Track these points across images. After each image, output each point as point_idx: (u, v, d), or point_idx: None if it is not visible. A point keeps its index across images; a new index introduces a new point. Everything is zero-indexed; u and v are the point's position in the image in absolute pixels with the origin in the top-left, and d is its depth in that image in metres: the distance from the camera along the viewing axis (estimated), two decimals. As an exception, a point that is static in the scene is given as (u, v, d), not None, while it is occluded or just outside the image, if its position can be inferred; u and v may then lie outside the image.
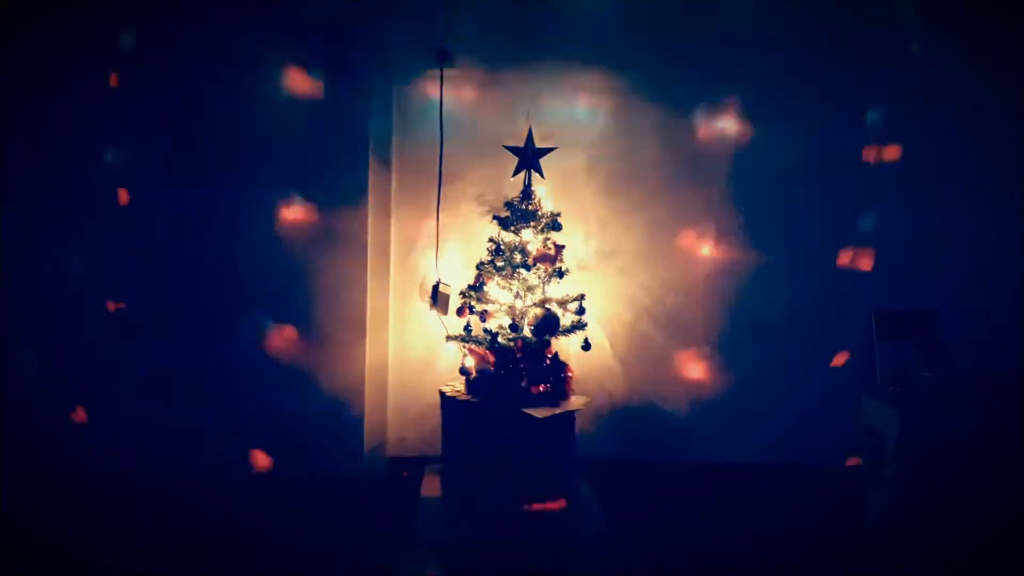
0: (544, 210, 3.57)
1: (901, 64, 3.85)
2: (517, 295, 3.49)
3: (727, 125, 3.86)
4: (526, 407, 3.33)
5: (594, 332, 3.80)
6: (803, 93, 3.84)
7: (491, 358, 3.48)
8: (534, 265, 3.49)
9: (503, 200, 3.65)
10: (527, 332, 3.47)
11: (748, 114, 3.85)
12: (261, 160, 3.66)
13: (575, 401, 3.49)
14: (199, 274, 3.69)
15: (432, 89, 3.79)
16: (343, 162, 3.68)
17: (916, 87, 3.85)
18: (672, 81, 3.83)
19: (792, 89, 3.84)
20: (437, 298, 3.70)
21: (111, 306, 3.70)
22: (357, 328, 3.73)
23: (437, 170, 3.81)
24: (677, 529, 3.39)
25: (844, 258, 3.92)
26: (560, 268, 3.55)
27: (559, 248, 3.56)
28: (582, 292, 3.60)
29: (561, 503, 3.39)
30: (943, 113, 3.86)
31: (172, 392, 3.71)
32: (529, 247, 3.52)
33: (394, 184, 3.84)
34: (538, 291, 3.51)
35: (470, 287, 3.58)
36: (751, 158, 3.86)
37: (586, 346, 3.58)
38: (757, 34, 3.81)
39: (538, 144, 3.63)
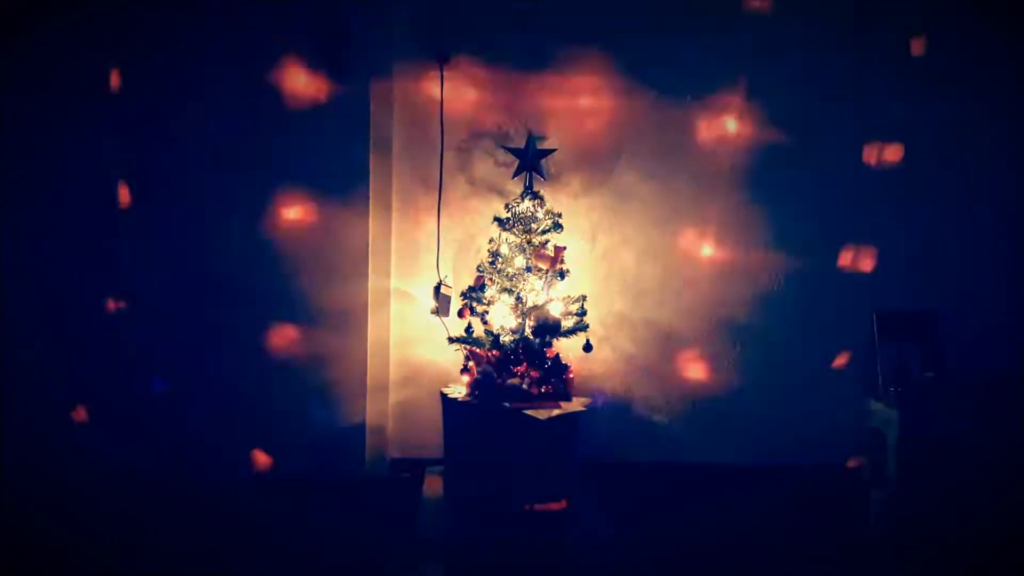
0: (545, 211, 3.57)
1: (901, 64, 3.84)
2: (518, 297, 3.49)
3: (728, 125, 3.86)
4: (527, 408, 3.33)
5: (595, 333, 3.80)
6: (804, 92, 3.84)
7: (492, 360, 3.48)
8: (535, 267, 3.49)
9: (504, 201, 3.66)
10: (528, 334, 3.46)
11: (749, 114, 3.84)
12: (261, 160, 3.66)
13: (576, 402, 3.49)
14: (199, 273, 3.68)
15: (432, 89, 3.79)
16: (343, 162, 3.67)
17: (917, 87, 3.85)
18: (673, 81, 3.83)
19: (793, 88, 3.83)
20: (438, 299, 3.70)
21: (111, 305, 3.70)
22: (358, 329, 3.73)
23: (438, 171, 3.81)
24: (678, 530, 3.39)
25: (845, 258, 3.92)
26: (561, 269, 3.55)
27: (560, 249, 3.56)
28: (583, 293, 3.60)
29: (562, 504, 3.40)
30: (943, 113, 3.86)
31: (172, 392, 3.70)
32: (530, 248, 3.52)
33: (394, 185, 3.83)
34: (539, 293, 3.51)
35: (471, 288, 3.57)
36: (752, 158, 3.86)
37: (587, 347, 3.57)
38: (757, 34, 3.80)
39: (538, 145, 3.63)
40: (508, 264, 3.50)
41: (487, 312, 3.53)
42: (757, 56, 3.81)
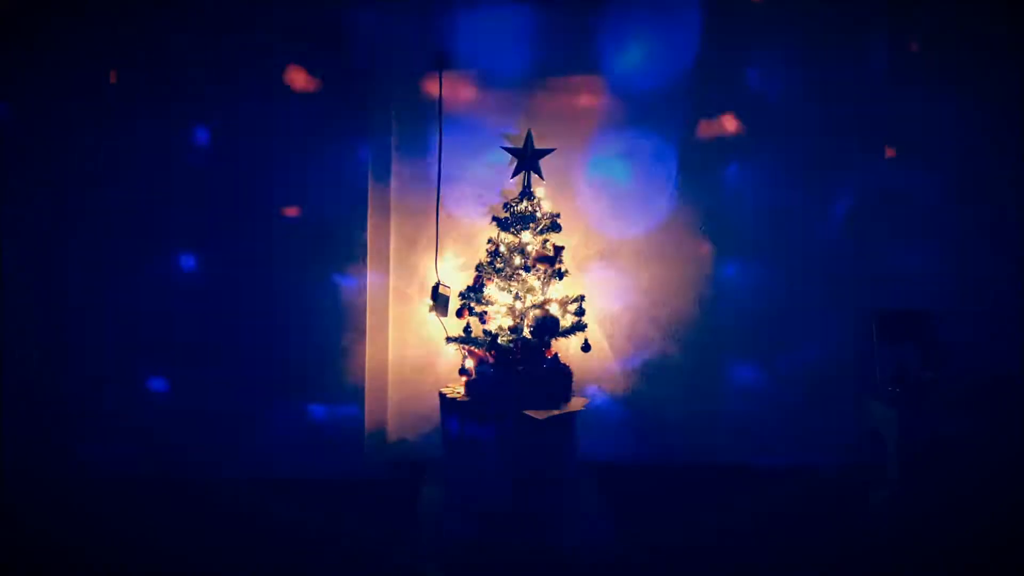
0: (543, 211, 3.57)
1: (901, 63, 3.84)
2: (517, 296, 3.49)
3: (727, 123, 3.86)
4: (526, 408, 3.33)
5: (594, 333, 3.79)
6: (803, 92, 3.84)
7: (491, 359, 3.48)
8: (533, 266, 3.49)
9: (502, 201, 3.66)
10: (527, 333, 3.46)
11: (748, 113, 3.84)
12: (261, 160, 3.67)
13: (575, 402, 3.49)
14: (199, 273, 3.70)
15: (431, 90, 3.79)
16: (343, 162, 3.68)
17: (916, 86, 3.84)
18: (672, 80, 3.83)
19: (792, 87, 3.83)
20: (437, 299, 3.70)
21: (110, 304, 3.70)
22: (357, 329, 3.73)
23: (436, 171, 3.81)
24: (677, 530, 3.38)
25: (844, 257, 3.91)
26: (559, 269, 3.55)
27: (558, 249, 3.56)
28: (582, 293, 3.60)
29: (561, 503, 3.40)
30: (943, 113, 3.86)
31: (172, 392, 3.71)
32: (528, 248, 3.52)
33: (393, 185, 3.84)
34: (538, 292, 3.51)
35: (470, 288, 3.58)
36: (751, 157, 3.86)
37: (586, 347, 3.58)
38: (757, 34, 3.80)
39: (537, 145, 3.63)
40: (506, 264, 3.51)
41: (485, 312, 3.53)
42: (755, 55, 3.82)
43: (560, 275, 3.55)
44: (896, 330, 3.75)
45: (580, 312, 3.54)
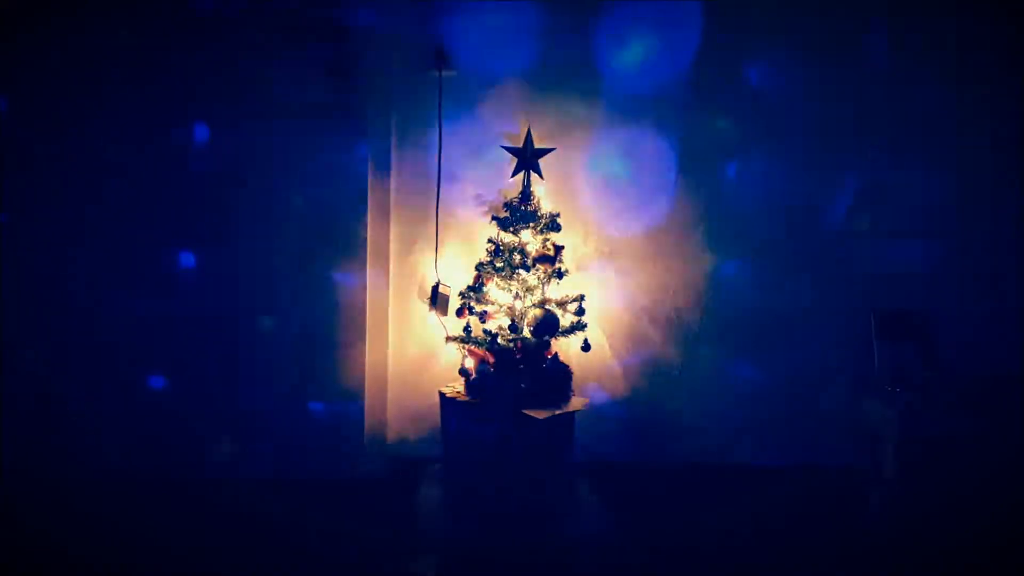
0: (543, 211, 3.58)
1: (899, 61, 3.84)
2: (516, 296, 3.49)
3: (726, 123, 3.86)
4: (526, 408, 3.33)
5: (594, 333, 3.80)
6: (801, 89, 3.83)
7: (491, 359, 3.48)
8: (533, 266, 3.49)
9: (502, 201, 3.66)
10: (527, 333, 3.47)
11: (746, 112, 3.84)
12: (260, 158, 3.67)
13: (575, 402, 3.50)
14: (198, 272, 3.70)
15: (431, 89, 3.79)
16: (342, 162, 3.68)
17: (915, 85, 3.84)
18: (672, 80, 3.83)
19: (790, 84, 3.83)
20: (436, 299, 3.71)
21: (110, 303, 3.70)
22: (357, 329, 3.73)
23: (436, 171, 3.81)
24: (677, 530, 3.39)
25: (843, 258, 3.91)
26: (559, 269, 3.55)
27: (558, 249, 3.56)
28: (581, 293, 3.61)
29: (561, 503, 3.40)
30: (943, 112, 3.86)
31: (172, 392, 3.72)
32: (528, 248, 3.52)
33: (393, 184, 3.84)
34: (537, 292, 3.51)
35: (469, 288, 3.58)
36: (750, 156, 3.86)
37: (586, 347, 3.58)
38: (756, 33, 3.80)
39: (536, 145, 3.63)
40: (506, 263, 3.51)
41: (485, 311, 3.54)
42: (754, 53, 3.82)
43: (560, 275, 3.55)
44: (895, 330, 3.75)
45: (580, 312, 3.55)
